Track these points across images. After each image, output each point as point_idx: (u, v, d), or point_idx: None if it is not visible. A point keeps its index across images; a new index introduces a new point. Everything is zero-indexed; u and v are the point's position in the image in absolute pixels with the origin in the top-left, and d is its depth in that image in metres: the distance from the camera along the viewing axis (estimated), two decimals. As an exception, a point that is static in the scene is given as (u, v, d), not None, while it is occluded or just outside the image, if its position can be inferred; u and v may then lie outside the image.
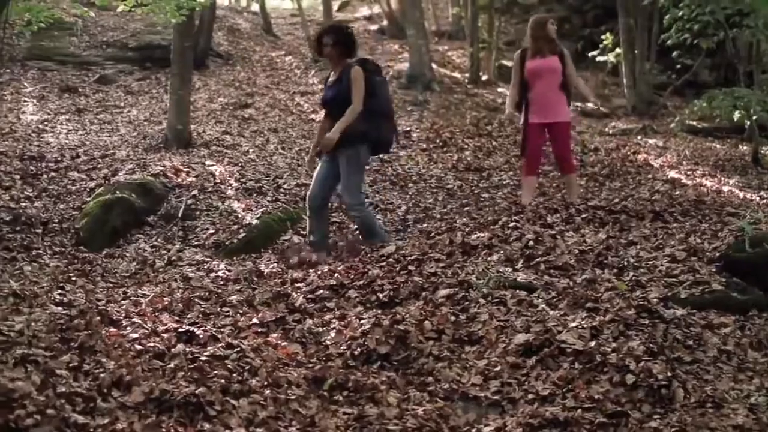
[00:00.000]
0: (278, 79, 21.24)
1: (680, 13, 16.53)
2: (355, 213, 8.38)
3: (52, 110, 16.21)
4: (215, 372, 4.96)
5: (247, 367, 5.13)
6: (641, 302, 5.92)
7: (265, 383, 4.91)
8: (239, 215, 9.71)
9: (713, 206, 9.67)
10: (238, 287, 7.36)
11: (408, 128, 15.81)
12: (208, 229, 9.08)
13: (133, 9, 12.43)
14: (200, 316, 6.45)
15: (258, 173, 11.97)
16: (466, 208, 10.02)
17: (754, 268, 6.71)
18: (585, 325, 5.60)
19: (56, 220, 9.42)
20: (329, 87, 8.49)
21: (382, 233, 8.57)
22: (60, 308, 6.17)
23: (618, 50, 20.85)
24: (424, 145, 14.64)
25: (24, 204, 9.76)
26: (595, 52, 22.15)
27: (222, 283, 7.57)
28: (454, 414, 4.84)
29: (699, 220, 9.06)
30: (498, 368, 5.34)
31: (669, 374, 4.86)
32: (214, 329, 6.00)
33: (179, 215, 9.43)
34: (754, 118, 14.67)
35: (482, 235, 8.07)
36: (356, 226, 8.82)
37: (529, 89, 9.45)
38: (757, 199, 11.56)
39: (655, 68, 20.73)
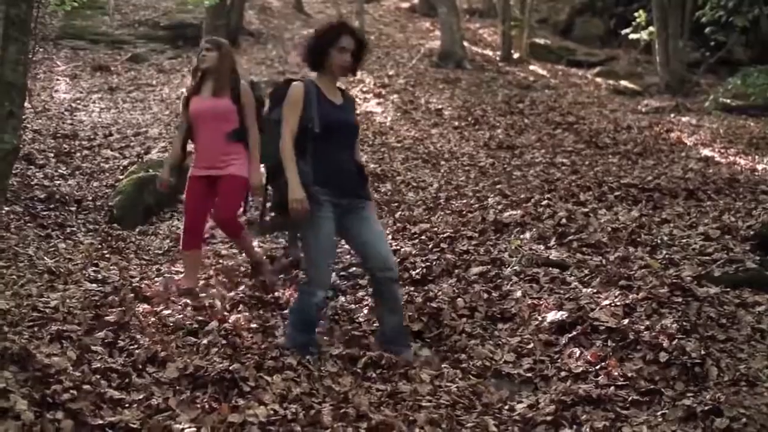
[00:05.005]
0: (310, 57, 21.15)
1: (715, -10, 16.44)
2: None
3: (85, 89, 16.30)
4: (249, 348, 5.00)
5: (281, 344, 5.17)
6: (675, 280, 5.90)
7: (299, 360, 4.93)
8: (272, 193, 9.59)
9: (747, 185, 9.62)
10: (271, 264, 7.36)
11: (440, 106, 15.77)
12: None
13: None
14: (233, 292, 6.48)
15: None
16: (498, 186, 9.98)
17: (789, 246, 6.69)
18: (618, 303, 5.59)
19: (90, 198, 9.48)
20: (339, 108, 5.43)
21: None
22: (94, 285, 6.24)
23: (651, 28, 20.68)
24: (456, 123, 14.59)
25: (58, 182, 9.83)
26: (627, 30, 22.02)
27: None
28: (486, 391, 4.85)
29: (733, 198, 9.02)
30: (531, 346, 5.34)
31: (702, 352, 4.84)
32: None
33: (212, 193, 9.45)
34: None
35: (515, 212, 8.06)
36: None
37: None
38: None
39: (688, 46, 20.52)
